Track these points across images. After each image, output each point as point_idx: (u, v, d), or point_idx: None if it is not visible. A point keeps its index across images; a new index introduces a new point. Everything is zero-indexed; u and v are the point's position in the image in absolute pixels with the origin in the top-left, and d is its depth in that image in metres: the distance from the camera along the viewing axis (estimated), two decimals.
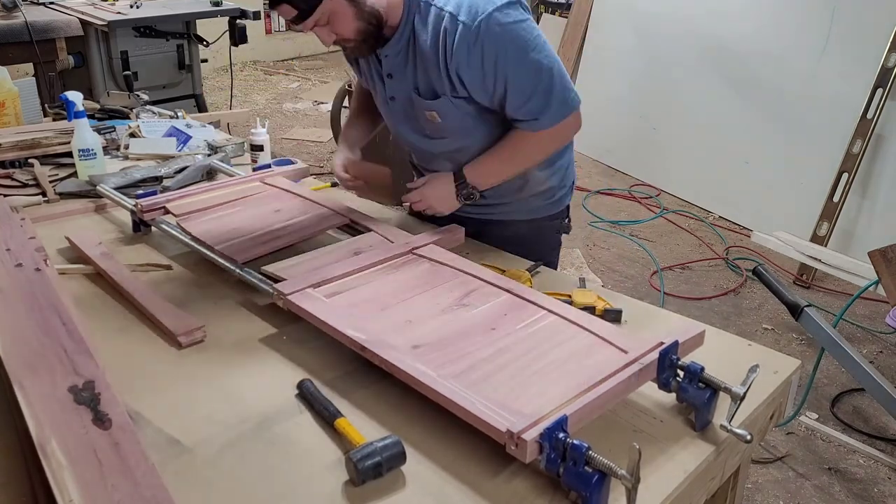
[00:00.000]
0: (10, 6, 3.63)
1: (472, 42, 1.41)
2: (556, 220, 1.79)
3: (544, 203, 1.74)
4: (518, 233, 1.72)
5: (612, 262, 3.71)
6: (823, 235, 3.48)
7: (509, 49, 1.42)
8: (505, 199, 1.70)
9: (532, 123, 1.51)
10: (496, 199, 1.69)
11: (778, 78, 3.88)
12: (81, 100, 2.39)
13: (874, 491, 2.27)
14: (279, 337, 1.34)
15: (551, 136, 1.55)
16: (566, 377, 1.07)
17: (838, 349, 2.24)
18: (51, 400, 1.03)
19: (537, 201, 1.73)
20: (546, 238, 1.80)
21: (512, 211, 1.73)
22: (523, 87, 1.46)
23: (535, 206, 1.74)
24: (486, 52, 1.42)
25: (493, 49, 1.41)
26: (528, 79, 1.45)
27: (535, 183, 1.69)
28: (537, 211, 1.74)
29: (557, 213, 1.79)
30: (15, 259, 1.45)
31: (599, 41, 4.99)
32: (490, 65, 1.43)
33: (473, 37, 1.40)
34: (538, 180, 1.69)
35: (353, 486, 0.99)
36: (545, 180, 1.70)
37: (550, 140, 1.57)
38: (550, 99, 1.48)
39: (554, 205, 1.76)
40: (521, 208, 1.73)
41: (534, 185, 1.70)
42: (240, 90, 6.42)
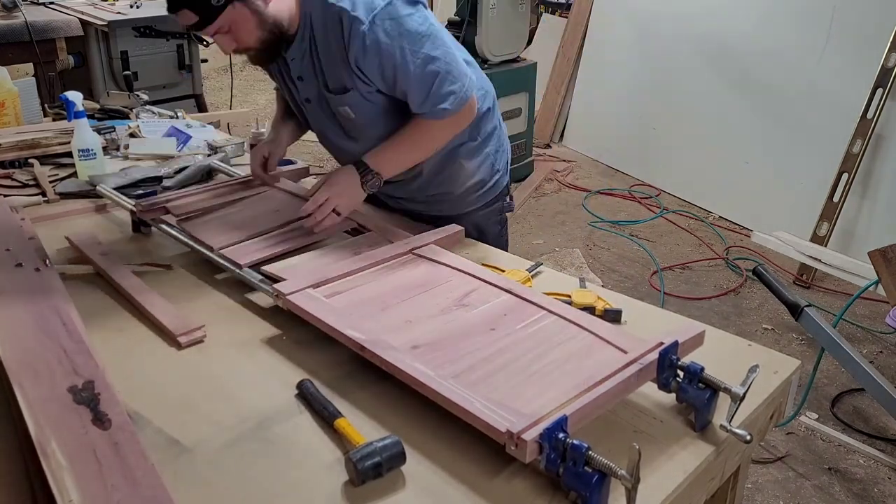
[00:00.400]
0: (10, 6, 3.63)
1: (367, 36, 1.44)
2: (495, 203, 1.84)
3: (479, 194, 1.80)
4: (467, 224, 1.73)
5: (612, 262, 3.71)
6: (823, 235, 3.48)
7: (403, 44, 1.46)
8: (441, 196, 1.77)
9: (435, 114, 1.54)
10: (433, 196, 1.77)
11: (778, 78, 3.88)
12: (81, 100, 2.39)
13: (874, 491, 2.27)
14: (279, 337, 1.34)
15: (450, 122, 1.57)
16: (566, 377, 1.07)
17: (838, 349, 2.24)
18: (50, 400, 1.03)
19: (473, 194, 1.79)
20: (491, 223, 1.85)
21: (452, 207, 1.78)
22: (422, 81, 1.49)
23: (472, 199, 1.79)
24: (382, 47, 1.45)
25: (387, 44, 1.45)
26: (425, 72, 1.48)
27: (465, 176, 1.75)
28: (475, 202, 1.80)
29: (495, 198, 1.84)
30: (15, 259, 1.45)
31: (599, 41, 4.99)
32: (388, 59, 1.47)
33: (368, 30, 1.43)
34: (467, 173, 1.74)
35: (353, 486, 0.99)
36: (474, 172, 1.75)
37: (447, 127, 1.59)
38: (448, 88, 1.50)
39: (490, 192, 1.81)
40: (461, 203, 1.78)
41: (464, 179, 1.75)
42: (240, 90, 6.41)
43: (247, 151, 2.29)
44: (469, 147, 1.72)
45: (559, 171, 4.80)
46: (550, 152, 5.11)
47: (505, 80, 4.26)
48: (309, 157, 4.82)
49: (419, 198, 1.79)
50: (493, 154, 1.78)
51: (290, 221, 1.64)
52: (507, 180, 1.86)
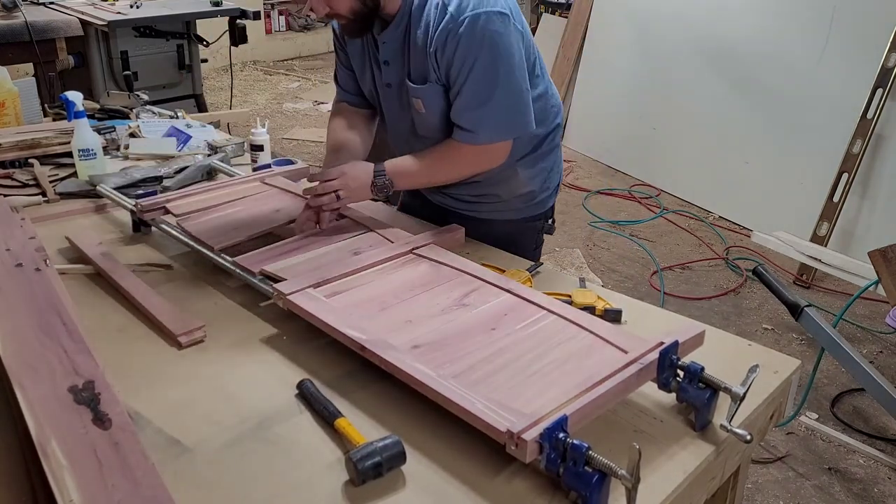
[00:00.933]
0: (10, 6, 3.63)
1: (452, 32, 1.44)
2: (537, 220, 1.81)
3: (526, 205, 1.77)
4: (500, 232, 1.73)
5: (612, 262, 3.71)
6: (823, 235, 3.48)
7: (481, 53, 1.45)
8: (488, 198, 1.73)
9: (468, 135, 1.53)
10: (480, 197, 1.73)
11: (778, 78, 3.88)
12: (81, 100, 2.39)
13: (874, 491, 2.27)
14: (279, 337, 1.34)
15: (479, 153, 1.56)
16: (566, 377, 1.07)
17: (838, 349, 2.24)
18: (51, 400, 1.03)
19: (519, 203, 1.76)
20: (527, 238, 1.81)
21: (494, 210, 1.75)
22: (477, 94, 1.48)
23: (517, 208, 1.76)
24: (460, 46, 1.44)
25: (466, 46, 1.44)
26: (484, 88, 1.48)
27: (518, 185, 1.72)
28: (519, 212, 1.77)
29: (539, 215, 1.81)
30: (15, 259, 1.45)
31: (599, 41, 4.99)
32: (459, 59, 1.46)
33: (455, 28, 1.44)
34: (520, 182, 1.72)
35: (353, 486, 0.99)
36: (527, 182, 1.73)
37: (476, 157, 1.58)
38: (496, 117, 1.50)
39: (535, 206, 1.78)
40: (504, 208, 1.75)
41: (515, 187, 1.72)
42: (240, 90, 6.42)
43: (247, 151, 2.29)
44: (530, 157, 1.70)
45: None
46: None
47: None
48: (309, 156, 4.83)
49: (466, 197, 1.75)
50: (548, 171, 1.76)
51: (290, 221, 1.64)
52: (553, 203, 1.83)
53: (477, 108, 1.50)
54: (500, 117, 1.51)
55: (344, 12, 1.48)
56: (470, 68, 1.46)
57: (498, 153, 1.58)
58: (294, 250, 1.53)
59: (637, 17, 4.71)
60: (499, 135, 1.54)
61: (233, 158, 2.23)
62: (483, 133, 1.53)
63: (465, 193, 1.75)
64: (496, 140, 1.55)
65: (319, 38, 7.95)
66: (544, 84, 1.66)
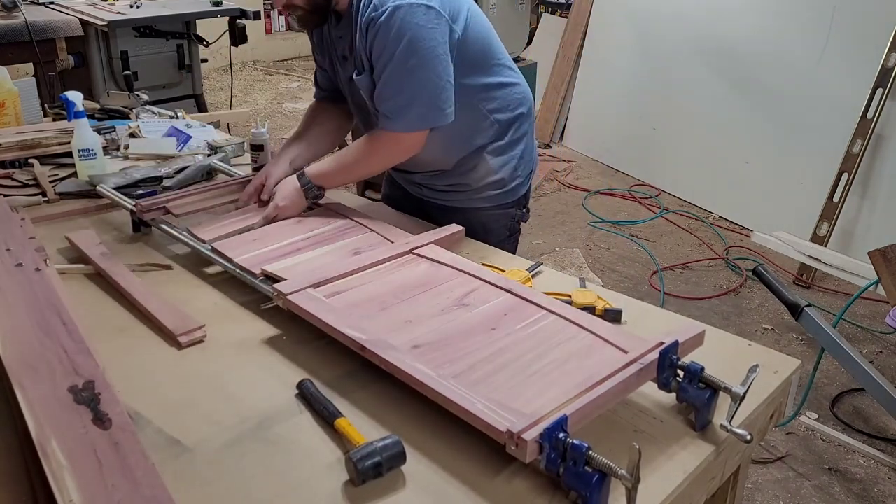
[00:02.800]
0: (10, 6, 3.63)
1: (374, 22, 1.50)
2: (510, 208, 1.85)
3: (497, 192, 1.80)
4: (473, 220, 1.77)
5: (612, 262, 3.71)
6: (823, 235, 3.48)
7: (399, 44, 1.49)
8: (459, 187, 1.79)
9: (385, 121, 1.59)
10: (451, 186, 1.79)
11: (778, 78, 3.88)
12: (81, 100, 2.39)
13: (874, 491, 2.27)
14: (279, 337, 1.34)
15: (393, 142, 1.62)
16: (566, 377, 1.07)
17: (838, 349, 2.24)
18: (51, 400, 1.03)
19: (489, 191, 1.80)
20: (500, 226, 1.85)
21: (467, 199, 1.81)
22: (392, 84, 1.53)
23: (488, 195, 1.80)
24: (379, 35, 1.50)
25: (384, 36, 1.49)
26: (399, 78, 1.53)
27: (486, 172, 1.76)
28: (491, 200, 1.81)
29: (512, 202, 1.84)
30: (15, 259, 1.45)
31: (599, 41, 4.99)
32: (378, 48, 1.52)
33: (377, 18, 1.49)
34: (489, 170, 1.76)
35: (353, 486, 0.99)
36: (496, 170, 1.77)
37: (391, 147, 1.64)
38: (411, 107, 1.55)
39: (507, 194, 1.82)
40: (475, 196, 1.80)
41: (484, 175, 1.77)
42: (240, 90, 6.42)
43: (247, 151, 2.29)
44: (496, 145, 1.75)
45: (559, 171, 4.80)
46: (550, 152, 5.11)
47: None
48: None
49: (438, 186, 1.82)
50: (518, 159, 1.80)
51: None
52: (526, 191, 1.87)
53: (392, 98, 1.55)
54: (414, 108, 1.55)
55: (300, 3, 1.56)
56: (389, 58, 1.51)
57: (412, 142, 1.63)
58: (294, 250, 1.54)
59: (637, 17, 4.71)
60: (413, 124, 1.58)
61: (233, 158, 2.23)
62: (399, 121, 1.57)
63: (438, 183, 1.81)
64: (410, 129, 1.59)
65: None
66: (505, 73, 1.73)
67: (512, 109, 1.75)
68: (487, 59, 1.68)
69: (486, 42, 1.69)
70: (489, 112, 1.71)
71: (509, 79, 1.74)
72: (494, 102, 1.71)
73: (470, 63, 1.63)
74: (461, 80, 1.61)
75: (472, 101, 1.67)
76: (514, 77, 1.77)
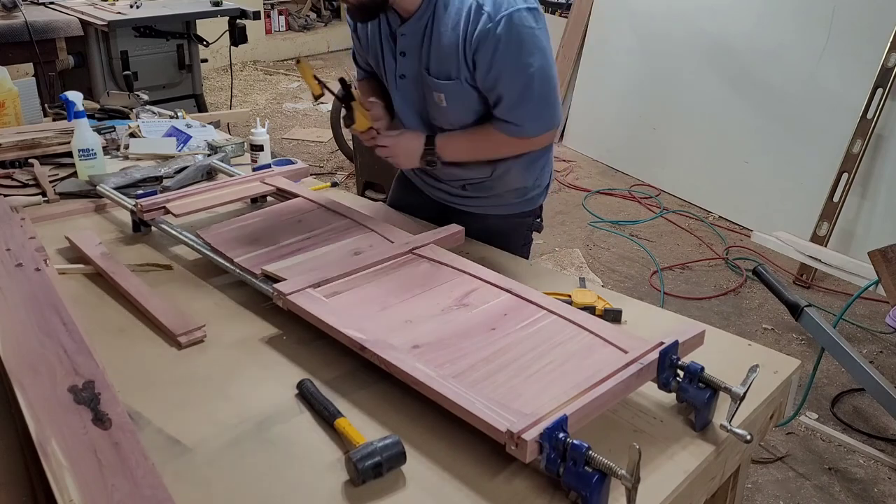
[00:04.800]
0: (10, 6, 3.63)
1: (492, 33, 1.47)
2: (527, 217, 1.84)
3: (517, 200, 1.79)
4: (492, 227, 1.78)
5: (612, 262, 3.71)
6: (823, 235, 3.48)
7: (520, 51, 1.49)
8: (482, 191, 1.77)
9: (514, 129, 1.58)
10: (474, 190, 1.76)
11: (778, 78, 3.88)
12: (81, 100, 2.39)
13: (874, 491, 2.27)
14: (279, 337, 1.34)
15: (526, 143, 1.63)
16: (566, 377, 1.07)
17: (838, 349, 2.24)
18: (51, 400, 1.03)
19: (511, 198, 1.78)
20: (518, 234, 1.85)
21: (488, 204, 1.79)
22: (517, 91, 1.52)
23: (509, 203, 1.79)
24: (500, 46, 1.48)
25: (505, 45, 1.48)
26: (526, 85, 1.52)
27: (512, 179, 1.75)
28: (510, 207, 1.80)
29: (530, 212, 1.84)
30: (15, 259, 1.45)
31: (599, 41, 4.99)
32: (498, 59, 1.49)
33: (494, 28, 1.47)
34: (514, 177, 1.75)
35: (353, 486, 0.99)
36: (521, 178, 1.76)
37: (523, 146, 1.65)
38: (540, 110, 1.56)
39: (526, 203, 1.81)
40: (495, 203, 1.79)
41: (509, 182, 1.75)
42: (240, 90, 6.42)
43: (247, 151, 2.29)
44: (530, 155, 1.73)
45: (559, 171, 4.80)
46: None
47: None
48: (309, 157, 4.82)
49: (460, 191, 1.79)
50: (541, 170, 1.79)
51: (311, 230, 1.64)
52: (542, 202, 1.87)
53: (520, 106, 1.54)
54: (542, 111, 1.56)
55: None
56: (506, 68, 1.50)
57: (546, 139, 1.65)
58: (294, 251, 1.54)
59: (637, 17, 4.71)
60: (543, 127, 1.59)
61: (233, 158, 2.23)
62: (528, 127, 1.58)
63: (460, 185, 1.78)
64: (541, 132, 1.60)
65: (319, 37, 7.95)
66: None
67: None
68: None
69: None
70: None
71: None
72: None
73: None
74: None
75: None
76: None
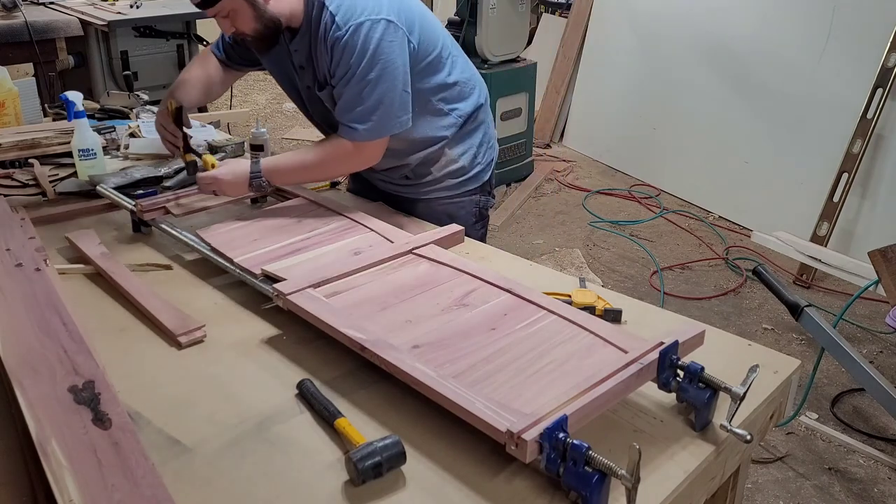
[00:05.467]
0: (10, 6, 3.63)
1: (339, 40, 1.57)
2: (473, 195, 1.90)
3: (457, 180, 1.86)
4: (439, 209, 1.86)
5: (612, 262, 3.71)
6: (823, 235, 3.48)
7: (362, 58, 1.56)
8: (421, 177, 1.84)
9: (348, 131, 1.64)
10: (414, 178, 1.85)
11: (778, 78, 3.88)
12: (81, 100, 2.39)
13: (874, 491, 2.27)
14: (279, 337, 1.34)
15: (355, 151, 1.67)
16: (566, 377, 1.07)
17: (838, 349, 2.24)
18: (51, 400, 1.03)
19: (449, 179, 1.85)
20: (466, 212, 1.91)
21: (431, 189, 1.86)
22: (353, 94, 1.60)
23: (449, 184, 1.86)
24: (345, 51, 1.57)
25: (350, 51, 1.57)
26: (359, 89, 1.59)
27: (447, 162, 1.83)
28: (452, 188, 1.87)
29: (475, 189, 1.90)
30: (15, 259, 1.45)
31: (599, 41, 4.99)
32: (344, 65, 1.58)
33: (342, 36, 1.56)
34: (449, 159, 1.82)
35: (353, 486, 0.99)
36: (456, 159, 1.83)
37: (352, 156, 1.69)
38: (374, 116, 1.61)
39: (468, 181, 1.88)
40: (438, 186, 1.86)
41: (445, 164, 1.83)
42: (240, 90, 6.41)
43: (247, 151, 2.29)
44: (456, 135, 1.81)
45: (559, 171, 4.80)
46: (550, 152, 5.11)
47: (505, 80, 4.26)
48: None
49: (401, 180, 1.87)
50: (478, 146, 1.87)
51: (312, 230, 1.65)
52: (489, 178, 1.93)
53: (353, 109, 1.61)
54: (374, 118, 1.61)
55: (248, 32, 1.63)
56: (351, 72, 1.58)
57: (373, 151, 1.69)
58: (294, 251, 1.54)
59: (637, 17, 4.71)
60: (374, 134, 1.64)
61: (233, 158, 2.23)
62: (359, 131, 1.63)
63: (400, 175, 1.86)
64: (370, 139, 1.64)
65: None
66: (457, 67, 1.78)
67: (469, 101, 1.81)
68: (441, 58, 1.73)
69: (439, 42, 1.74)
70: (449, 109, 1.78)
71: (463, 72, 1.80)
72: (452, 97, 1.77)
73: (425, 66, 1.70)
74: (419, 84, 1.68)
75: (431, 102, 1.74)
76: (468, 68, 1.83)
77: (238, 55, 1.92)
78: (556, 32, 5.33)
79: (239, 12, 1.59)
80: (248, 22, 1.61)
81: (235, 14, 1.60)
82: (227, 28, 1.65)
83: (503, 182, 4.49)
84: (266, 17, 1.60)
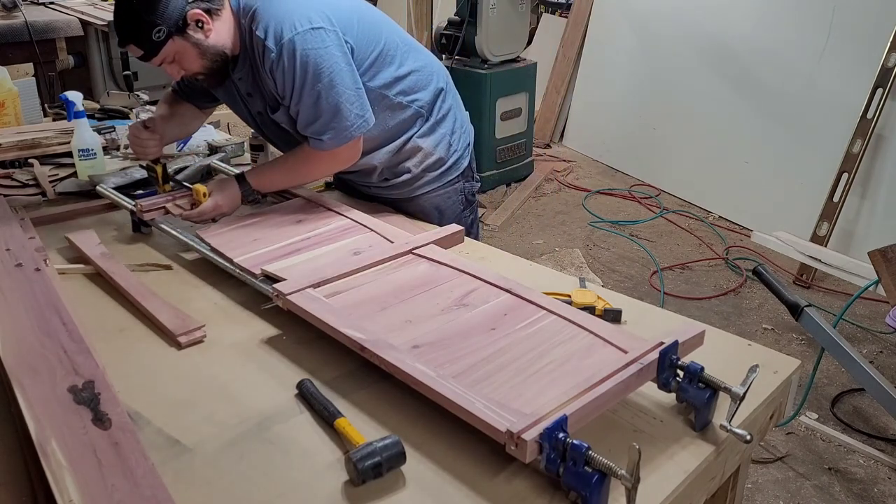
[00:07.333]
0: (10, 6, 3.63)
1: (276, 63, 1.56)
2: (457, 183, 1.90)
3: (438, 172, 1.85)
4: (426, 204, 1.86)
5: (612, 262, 3.71)
6: (823, 235, 3.48)
7: (305, 72, 1.56)
8: (401, 177, 1.83)
9: (315, 143, 1.65)
10: (393, 177, 1.84)
11: (778, 78, 3.88)
12: (81, 100, 2.39)
13: (874, 491, 2.27)
14: (279, 337, 1.34)
15: (330, 157, 1.69)
16: (566, 377, 1.07)
17: (838, 349, 2.24)
18: (51, 400, 1.03)
19: (430, 173, 1.84)
20: (453, 202, 1.91)
21: (414, 187, 1.85)
22: (308, 108, 1.60)
23: (430, 178, 1.85)
24: (286, 72, 1.56)
25: (290, 70, 1.56)
26: (314, 104, 1.59)
27: (423, 156, 1.82)
28: (434, 181, 1.86)
29: (458, 177, 1.89)
30: (15, 259, 1.45)
31: (599, 41, 4.99)
32: (288, 85, 1.58)
33: (276, 58, 1.56)
34: (424, 153, 1.81)
35: (353, 486, 0.99)
36: (431, 151, 1.82)
37: (329, 161, 1.71)
38: (334, 124, 1.61)
39: (449, 171, 1.87)
40: (420, 182, 1.85)
41: (422, 159, 1.82)
42: None
43: (247, 151, 2.29)
44: (424, 127, 1.80)
45: (559, 171, 4.80)
46: (550, 152, 5.11)
47: (505, 80, 4.26)
48: None
49: (382, 183, 1.86)
50: (450, 134, 1.86)
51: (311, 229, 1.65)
52: (468, 163, 1.92)
53: (314, 122, 1.62)
54: (336, 124, 1.61)
55: (198, 70, 1.63)
56: (298, 89, 1.58)
57: (348, 153, 1.69)
58: (294, 251, 1.53)
59: (637, 17, 4.71)
60: (339, 140, 1.64)
61: (233, 158, 2.23)
62: (327, 140, 1.63)
63: (381, 179, 1.85)
64: (340, 144, 1.64)
65: None
66: (411, 56, 1.76)
67: (428, 89, 1.79)
68: (390, 51, 1.72)
69: (384, 35, 1.72)
70: (409, 101, 1.75)
71: (417, 61, 1.78)
72: (409, 88, 1.75)
73: (373, 62, 1.68)
74: (370, 82, 1.67)
75: (388, 97, 1.72)
76: (421, 57, 1.80)
77: (197, 94, 1.92)
78: (556, 32, 5.33)
79: (183, 54, 1.59)
80: (195, 61, 1.60)
81: (181, 56, 1.59)
82: (177, 73, 1.64)
83: (503, 182, 4.49)
84: (210, 52, 1.60)
